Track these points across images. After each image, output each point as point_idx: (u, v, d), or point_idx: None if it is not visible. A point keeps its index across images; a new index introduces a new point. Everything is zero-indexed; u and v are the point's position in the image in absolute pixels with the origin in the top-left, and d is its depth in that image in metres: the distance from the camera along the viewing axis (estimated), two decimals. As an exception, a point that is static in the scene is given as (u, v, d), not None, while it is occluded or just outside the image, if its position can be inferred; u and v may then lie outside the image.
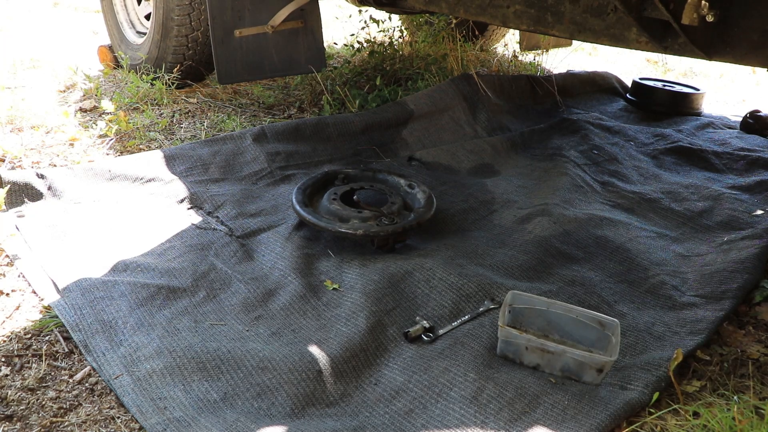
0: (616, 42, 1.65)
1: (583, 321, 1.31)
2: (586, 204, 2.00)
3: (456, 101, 2.54)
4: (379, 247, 1.60)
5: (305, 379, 1.17)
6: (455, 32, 3.35)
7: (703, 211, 2.01)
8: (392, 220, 1.61)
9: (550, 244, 1.69)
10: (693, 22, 1.37)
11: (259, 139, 2.08)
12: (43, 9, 4.24)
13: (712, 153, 2.46)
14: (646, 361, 1.28)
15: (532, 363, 1.24)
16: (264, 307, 1.38)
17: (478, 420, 1.10)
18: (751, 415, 1.11)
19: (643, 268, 1.66)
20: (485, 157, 2.30)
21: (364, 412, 1.13)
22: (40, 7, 4.27)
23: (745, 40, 1.45)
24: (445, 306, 1.40)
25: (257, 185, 1.93)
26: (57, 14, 4.18)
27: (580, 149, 2.40)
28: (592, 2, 1.63)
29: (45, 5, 4.34)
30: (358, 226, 1.58)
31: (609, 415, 1.12)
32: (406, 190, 1.81)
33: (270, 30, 2.32)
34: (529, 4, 1.75)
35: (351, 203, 1.68)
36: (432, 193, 1.78)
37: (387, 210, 1.65)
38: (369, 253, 1.59)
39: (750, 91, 3.73)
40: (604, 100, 3.09)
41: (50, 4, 4.41)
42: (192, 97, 2.69)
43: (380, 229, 1.57)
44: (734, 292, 1.54)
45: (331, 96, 2.61)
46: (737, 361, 1.35)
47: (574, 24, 1.68)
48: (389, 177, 1.86)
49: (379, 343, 1.30)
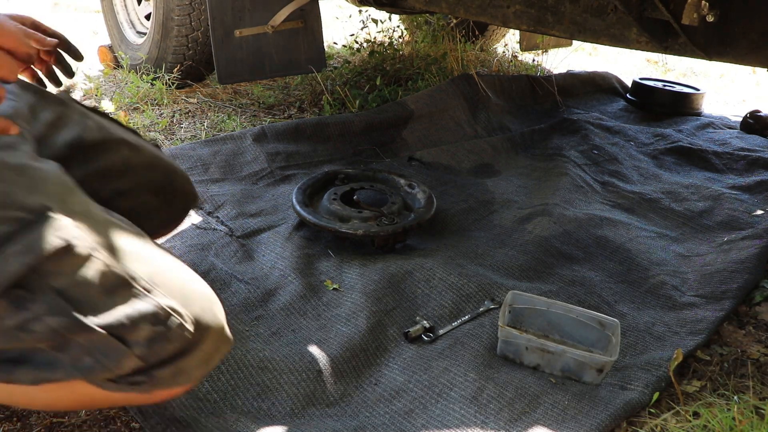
0: (616, 42, 1.65)
1: (583, 321, 1.31)
2: (586, 204, 2.00)
3: (456, 101, 2.54)
4: (379, 247, 1.60)
5: (305, 380, 1.17)
6: (455, 32, 3.35)
7: (703, 211, 2.01)
8: (392, 220, 1.61)
9: (550, 244, 1.69)
10: (693, 22, 1.37)
11: (259, 139, 2.08)
12: (43, 9, 4.24)
13: (712, 153, 2.46)
14: (646, 361, 1.28)
15: (533, 363, 1.24)
16: (264, 307, 1.39)
17: (478, 420, 1.10)
18: (751, 415, 1.11)
19: (643, 268, 1.66)
20: (485, 157, 2.30)
21: (364, 412, 1.13)
22: (40, 7, 4.27)
23: (745, 40, 1.45)
24: (445, 306, 1.40)
25: (257, 185, 1.93)
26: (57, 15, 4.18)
27: (581, 149, 2.40)
28: (592, 2, 1.63)
29: (45, 6, 4.35)
30: (359, 226, 1.57)
31: (609, 415, 1.12)
32: (407, 190, 1.81)
33: (270, 30, 2.32)
34: (529, 4, 1.75)
35: (351, 203, 1.68)
36: (432, 193, 1.78)
37: (387, 210, 1.64)
38: (369, 253, 1.59)
39: (750, 91, 3.73)
40: (604, 100, 3.09)
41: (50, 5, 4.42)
42: (192, 97, 2.69)
43: (380, 229, 1.57)
44: (734, 292, 1.54)
45: (331, 96, 2.61)
46: (737, 361, 1.35)
47: (575, 24, 1.68)
48: (389, 177, 1.86)
49: (379, 343, 1.30)
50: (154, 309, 0.86)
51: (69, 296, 0.82)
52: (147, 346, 0.85)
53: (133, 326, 0.84)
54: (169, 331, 0.87)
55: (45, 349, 0.83)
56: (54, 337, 0.82)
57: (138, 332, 0.84)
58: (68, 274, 0.82)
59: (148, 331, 0.85)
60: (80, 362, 0.83)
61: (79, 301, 0.83)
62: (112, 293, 0.85)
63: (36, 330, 0.81)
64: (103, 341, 0.83)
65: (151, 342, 0.85)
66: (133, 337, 0.84)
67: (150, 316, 0.86)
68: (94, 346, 0.83)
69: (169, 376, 0.89)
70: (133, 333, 0.84)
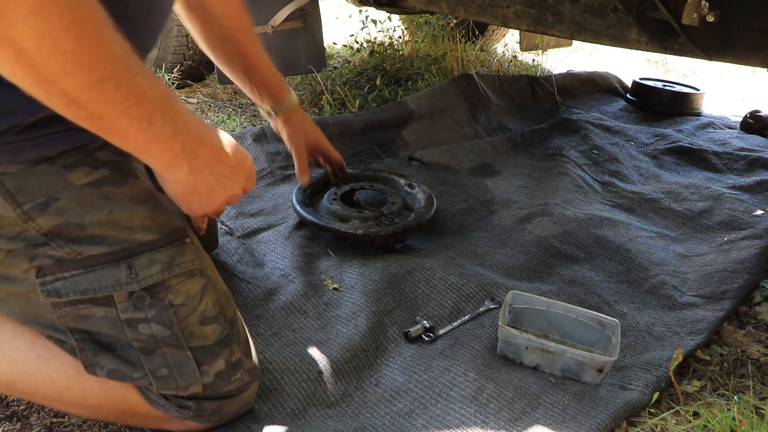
0: (616, 42, 1.65)
1: (583, 321, 1.31)
2: (586, 204, 2.00)
3: (456, 101, 2.54)
4: (379, 247, 1.60)
5: (306, 380, 1.17)
6: (455, 32, 3.35)
7: (703, 211, 2.01)
8: (392, 220, 1.61)
9: (550, 244, 1.69)
10: (693, 22, 1.38)
11: (260, 139, 2.08)
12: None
13: (712, 153, 2.46)
14: (646, 361, 1.28)
15: (533, 363, 1.24)
16: (264, 307, 1.39)
17: (478, 420, 1.10)
18: (751, 415, 1.11)
19: (643, 268, 1.66)
20: (485, 157, 2.30)
21: (365, 412, 1.13)
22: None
23: (745, 40, 1.45)
24: (446, 306, 1.40)
25: (257, 185, 1.93)
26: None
27: (581, 149, 2.40)
28: (592, 2, 1.64)
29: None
30: (359, 226, 1.57)
31: (609, 415, 1.12)
32: (407, 190, 1.81)
33: (270, 30, 2.32)
34: (529, 4, 1.76)
35: (351, 203, 1.68)
36: (432, 193, 1.78)
37: (387, 210, 1.64)
38: (369, 252, 1.59)
39: (750, 91, 3.73)
40: (604, 100, 3.09)
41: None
42: (192, 97, 2.69)
43: (381, 229, 1.57)
44: (734, 292, 1.54)
45: (331, 96, 2.61)
46: (737, 361, 1.35)
47: (575, 24, 1.69)
48: (389, 177, 1.85)
49: (379, 343, 1.30)
50: (232, 350, 0.97)
51: (177, 313, 0.91)
52: (214, 379, 0.95)
53: (213, 358, 0.95)
54: (234, 373, 0.97)
55: (135, 348, 0.91)
56: (150, 342, 0.91)
57: (214, 365, 0.95)
58: (184, 293, 0.92)
59: (221, 366, 0.95)
60: (158, 371, 0.92)
61: (183, 320, 0.92)
62: (205, 324, 0.95)
63: (141, 331, 0.90)
64: (185, 360, 0.92)
65: (218, 377, 0.95)
66: (208, 368, 0.94)
67: (227, 353, 0.96)
68: (175, 362, 0.92)
69: (211, 411, 0.98)
70: (210, 364, 0.94)
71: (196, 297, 0.93)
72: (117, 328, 0.89)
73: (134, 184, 0.90)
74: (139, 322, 0.89)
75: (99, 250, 0.85)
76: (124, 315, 0.88)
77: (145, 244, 0.88)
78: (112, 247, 0.86)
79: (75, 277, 0.85)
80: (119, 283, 0.86)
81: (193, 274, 0.93)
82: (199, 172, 0.87)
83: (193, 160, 0.85)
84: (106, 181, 0.87)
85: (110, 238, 0.86)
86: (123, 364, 0.91)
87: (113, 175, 0.88)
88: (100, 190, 0.86)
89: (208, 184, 0.90)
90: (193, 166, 0.86)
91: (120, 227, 0.86)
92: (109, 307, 0.88)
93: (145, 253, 0.87)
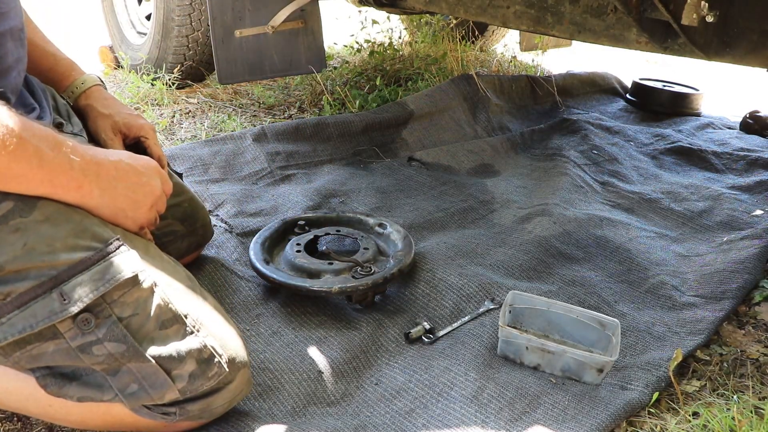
0: (616, 42, 1.65)
1: (583, 321, 1.31)
2: (586, 204, 2.00)
3: (456, 101, 2.54)
4: (357, 302, 1.39)
5: (306, 380, 1.17)
6: (455, 32, 3.35)
7: (703, 211, 2.01)
8: (368, 269, 1.39)
9: (550, 244, 1.69)
10: (693, 22, 1.38)
11: (260, 139, 2.08)
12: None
13: (712, 153, 2.46)
14: (646, 361, 1.28)
15: (533, 363, 1.25)
16: (264, 306, 1.39)
17: (478, 419, 1.10)
18: (750, 415, 1.11)
19: (643, 268, 1.66)
20: (485, 157, 2.30)
21: (365, 411, 1.13)
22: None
23: (745, 40, 1.45)
24: (446, 306, 1.41)
25: (257, 185, 1.93)
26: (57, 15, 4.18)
27: (580, 149, 2.40)
28: (592, 3, 1.64)
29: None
30: (332, 282, 1.35)
31: (609, 415, 1.12)
32: (378, 231, 1.59)
33: (270, 30, 2.33)
34: (529, 4, 1.76)
35: (318, 254, 1.49)
36: (408, 233, 1.57)
37: (361, 258, 1.44)
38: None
39: (750, 91, 3.73)
40: (604, 100, 3.09)
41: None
42: (192, 98, 2.69)
43: (359, 283, 1.34)
44: (734, 292, 1.54)
45: (331, 96, 2.61)
46: (737, 361, 1.35)
47: (574, 24, 1.69)
48: (355, 217, 1.64)
49: (379, 344, 1.31)
50: (200, 347, 0.94)
51: (129, 325, 0.89)
52: (188, 381, 0.92)
53: (180, 361, 0.91)
54: (209, 369, 0.94)
55: (98, 371, 0.89)
56: (110, 362, 0.88)
57: (184, 367, 0.92)
58: (131, 304, 0.89)
59: (192, 366, 0.92)
60: (127, 388, 0.90)
61: (137, 330, 0.89)
62: (165, 327, 0.92)
63: (96, 353, 0.87)
64: (152, 372, 0.90)
65: (192, 378, 0.92)
66: (178, 372, 0.91)
67: (196, 352, 0.93)
68: (143, 375, 0.90)
69: (198, 410, 0.96)
70: (179, 367, 0.91)
71: (146, 303, 0.90)
72: (73, 357, 0.87)
73: (45, 206, 0.85)
74: (92, 345, 0.87)
75: (26, 285, 0.82)
76: (74, 342, 0.86)
77: (75, 266, 0.85)
78: (38, 279, 0.83)
79: (11, 319, 0.83)
80: (54, 313, 0.83)
81: (135, 281, 0.89)
82: (113, 189, 0.90)
83: (99, 182, 0.88)
84: (12, 213, 0.83)
85: (33, 270, 0.83)
86: (90, 389, 0.89)
87: (19, 204, 0.84)
88: (8, 225, 0.83)
89: (125, 197, 0.92)
90: (103, 186, 0.89)
91: (40, 256, 0.83)
92: (56, 339, 0.85)
93: (74, 276, 0.84)
